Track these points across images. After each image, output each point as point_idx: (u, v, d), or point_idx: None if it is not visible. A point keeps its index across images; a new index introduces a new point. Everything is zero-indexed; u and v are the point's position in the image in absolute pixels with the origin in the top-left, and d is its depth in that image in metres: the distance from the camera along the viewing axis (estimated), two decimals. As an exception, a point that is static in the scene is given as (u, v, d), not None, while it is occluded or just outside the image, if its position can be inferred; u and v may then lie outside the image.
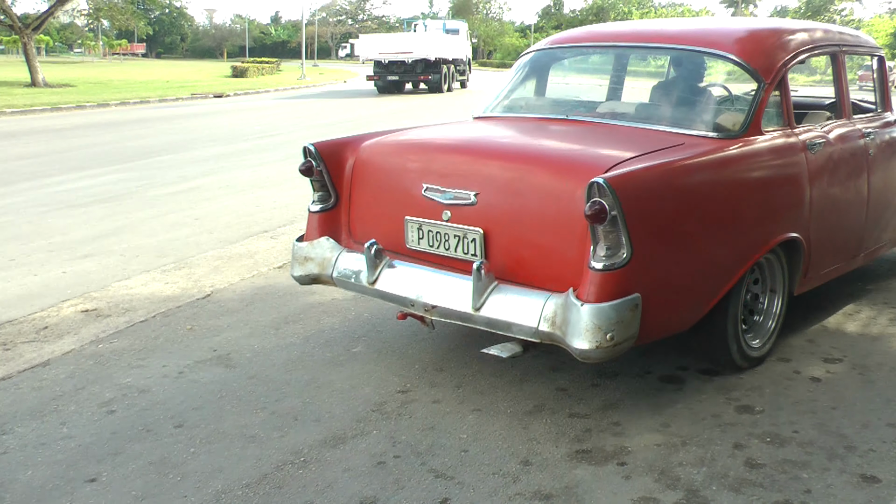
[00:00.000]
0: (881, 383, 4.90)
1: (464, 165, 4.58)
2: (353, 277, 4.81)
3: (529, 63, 6.20)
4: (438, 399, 4.46)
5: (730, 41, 5.26)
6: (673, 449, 3.96)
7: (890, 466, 3.93)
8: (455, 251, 4.47)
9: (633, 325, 3.93)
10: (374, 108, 27.35)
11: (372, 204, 5.00)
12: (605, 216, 3.76)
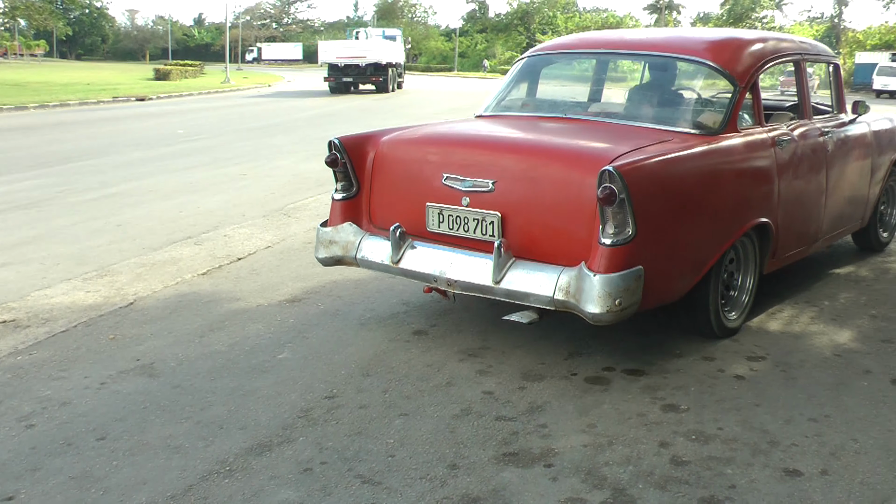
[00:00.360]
0: (803, 380, 4.99)
1: (482, 158, 5.17)
2: (377, 258, 5.36)
3: (524, 67, 6.81)
4: (365, 404, 4.43)
5: (708, 49, 6.11)
6: (599, 449, 3.99)
7: (812, 460, 4.01)
8: (474, 233, 5.05)
9: (637, 293, 4.58)
10: (301, 112, 27.17)
11: (392, 192, 5.55)
12: (615, 199, 4.40)
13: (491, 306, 6.00)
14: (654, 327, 5.77)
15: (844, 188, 7.01)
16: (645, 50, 6.59)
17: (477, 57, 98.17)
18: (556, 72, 7.11)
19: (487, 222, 4.97)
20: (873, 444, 4.22)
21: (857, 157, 7.16)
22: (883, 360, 5.44)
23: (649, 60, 6.64)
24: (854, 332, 5.97)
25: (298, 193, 10.66)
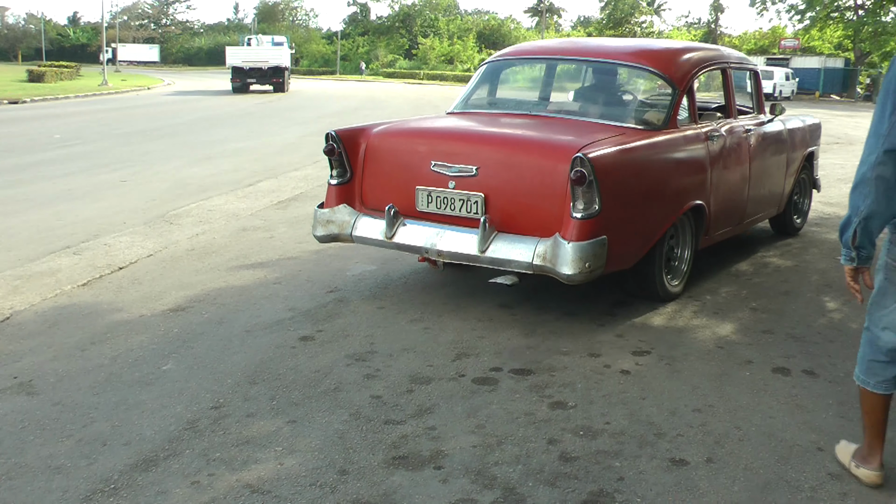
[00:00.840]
0: (687, 372, 5.09)
1: (467, 148, 6.04)
2: (372, 234, 6.14)
3: (486, 71, 7.68)
4: (252, 412, 4.35)
5: (653, 58, 7.11)
6: (489, 449, 3.99)
7: (697, 449, 4.09)
8: (460, 211, 5.88)
9: (602, 258, 5.46)
10: (182, 116, 26.65)
11: (383, 177, 6.32)
12: (585, 180, 5.27)
13: (379, 309, 6.01)
14: (540, 327, 5.82)
15: (764, 178, 7.96)
16: (597, 57, 7.45)
17: (359, 60, 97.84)
18: (514, 75, 8.05)
19: (472, 202, 5.82)
20: (755, 430, 4.34)
21: (774, 152, 8.20)
22: (763, 350, 5.58)
23: (601, 66, 7.42)
24: (735, 324, 6.12)
25: (181, 200, 10.44)
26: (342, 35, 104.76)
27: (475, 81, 7.63)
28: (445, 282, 6.80)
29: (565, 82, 8.04)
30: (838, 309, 6.64)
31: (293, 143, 17.57)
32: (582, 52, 7.78)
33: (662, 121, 6.54)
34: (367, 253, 7.61)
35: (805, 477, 3.90)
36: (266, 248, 7.80)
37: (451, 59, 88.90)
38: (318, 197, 10.43)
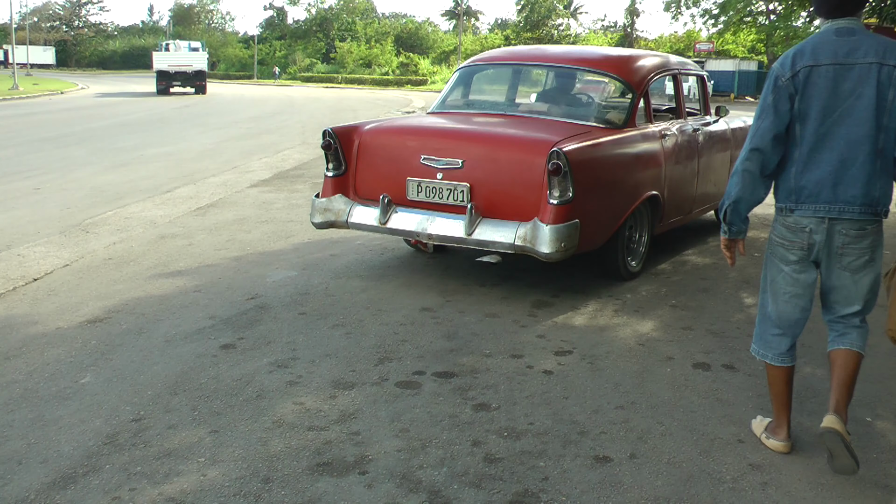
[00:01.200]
0: (609, 370, 5.13)
1: (453, 143, 6.74)
2: (366, 221, 6.81)
3: (461, 75, 8.45)
4: (174, 424, 4.26)
5: (615, 64, 7.84)
6: (413, 453, 3.97)
7: (620, 445, 4.13)
8: (447, 199, 6.55)
9: (575, 238, 6.20)
10: (98, 121, 26.18)
11: (375, 170, 6.98)
12: (561, 171, 6.03)
13: (300, 315, 5.96)
14: (462, 329, 5.82)
15: (711, 173, 8.69)
16: (563, 63, 8.23)
17: (277, 64, 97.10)
18: (486, 78, 8.71)
19: (458, 191, 6.50)
20: (677, 425, 4.39)
21: (719, 150, 8.94)
22: (684, 346, 5.66)
23: (567, 71, 8.18)
24: (656, 321, 6.19)
25: (97, 208, 10.23)
26: (259, 39, 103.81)
27: (451, 84, 8.35)
28: (366, 286, 6.77)
29: (533, 86, 8.85)
30: (756, 304, 6.74)
31: (211, 149, 17.37)
32: (549, 58, 8.60)
33: (623, 120, 7.29)
34: (287, 259, 7.56)
35: (727, 468, 3.97)
36: (185, 255, 7.69)
37: (370, 62, 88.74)
38: (236, 203, 10.36)
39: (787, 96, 3.84)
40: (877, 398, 4.99)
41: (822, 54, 3.78)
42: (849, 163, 3.78)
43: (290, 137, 20.49)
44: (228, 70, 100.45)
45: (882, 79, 3.70)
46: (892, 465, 4.16)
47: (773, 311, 4.15)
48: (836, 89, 3.76)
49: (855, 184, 3.79)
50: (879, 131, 3.75)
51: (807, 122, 3.83)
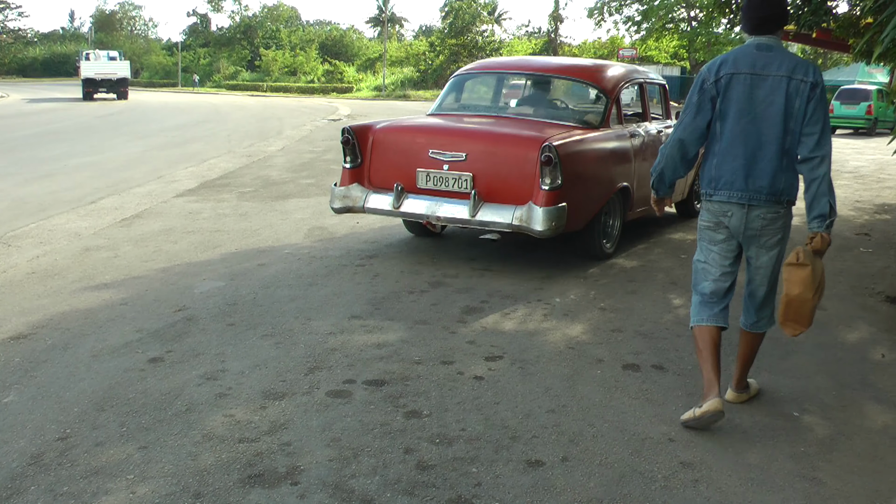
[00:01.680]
0: (539, 374, 5.17)
1: (457, 139, 7.81)
2: (381, 206, 7.89)
3: (455, 81, 9.52)
4: (101, 441, 4.17)
5: (591, 74, 9.10)
6: (345, 462, 3.95)
7: (552, 449, 4.16)
8: (452, 187, 7.64)
9: (563, 219, 7.28)
10: (20, 131, 25.66)
11: (387, 162, 8.04)
12: (552, 162, 7.14)
13: (229, 326, 5.90)
14: (392, 337, 5.81)
15: None
16: (546, 72, 9.40)
17: (202, 72, 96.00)
18: (478, 85, 9.90)
19: (462, 180, 7.58)
20: (609, 427, 4.44)
21: None
22: (613, 348, 5.72)
23: (550, 79, 9.44)
24: (585, 324, 6.24)
25: (19, 220, 9.98)
26: (183, 46, 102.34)
27: (447, 90, 9.44)
28: (295, 296, 6.73)
29: (520, 91, 9.85)
30: (684, 305, 6.85)
31: (136, 158, 17.11)
32: (533, 67, 9.68)
33: (599, 122, 8.41)
34: (215, 269, 7.49)
35: (658, 467, 4.03)
36: (111, 268, 7.56)
37: (295, 70, 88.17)
38: (162, 213, 10.24)
39: (709, 97, 4.53)
40: (803, 393, 5.11)
41: (743, 64, 4.46)
42: (759, 158, 4.45)
43: (215, 146, 20.29)
44: (152, 78, 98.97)
45: (790, 90, 4.39)
46: (819, 458, 4.26)
47: (706, 286, 4.74)
48: (752, 95, 4.44)
49: (763, 176, 4.45)
50: (786, 134, 4.41)
51: (726, 120, 4.51)
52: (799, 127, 4.40)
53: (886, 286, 7.86)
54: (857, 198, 14.34)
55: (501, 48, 79.64)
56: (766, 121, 4.43)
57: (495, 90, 9.59)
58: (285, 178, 14.38)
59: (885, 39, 5.54)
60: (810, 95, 4.39)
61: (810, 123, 4.39)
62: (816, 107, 4.40)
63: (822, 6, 11.71)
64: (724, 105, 4.50)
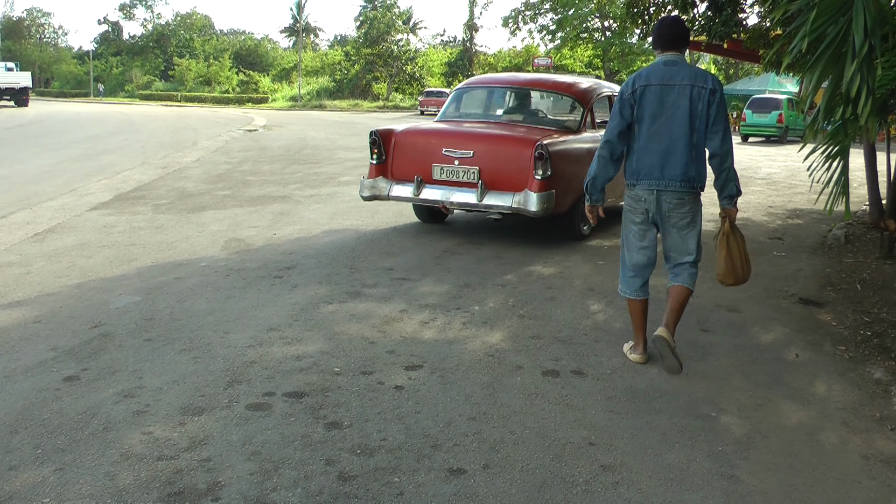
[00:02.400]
0: (459, 382, 5.19)
1: (466, 140, 9.58)
2: (403, 194, 9.73)
3: (456, 93, 11.43)
4: (15, 465, 4.05)
5: (569, 88, 10.91)
6: (266, 475, 3.93)
7: (474, 457, 4.19)
8: (462, 178, 9.42)
9: (552, 202, 9.08)
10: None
11: (407, 159, 9.83)
12: (543, 157, 8.94)
13: (146, 342, 5.82)
14: (311, 348, 5.79)
15: None
16: (533, 86, 11.52)
17: (113, 81, 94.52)
18: (475, 96, 11.51)
19: (471, 172, 9.37)
20: (529, 433, 4.48)
21: None
22: (533, 355, 5.77)
23: (537, 92, 11.56)
24: (505, 332, 6.28)
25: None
26: (94, 55, 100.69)
27: (450, 101, 11.24)
28: (213, 309, 6.66)
29: (511, 102, 11.37)
30: (602, 310, 6.94)
31: (48, 171, 16.75)
32: (521, 82, 11.64)
33: (577, 127, 10.22)
34: (130, 284, 7.38)
35: (579, 472, 4.08)
36: (23, 284, 7.40)
37: (209, 80, 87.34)
38: (76, 227, 10.07)
39: (629, 105, 5.51)
40: (720, 394, 5.22)
41: (654, 77, 5.45)
42: (671, 152, 5.44)
43: (130, 157, 19.99)
44: (63, 88, 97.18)
45: (693, 95, 5.37)
46: (736, 456, 4.35)
47: (629, 260, 5.79)
48: (662, 102, 5.44)
49: (675, 167, 5.44)
50: (693, 131, 5.40)
51: (642, 123, 5.49)
52: (703, 126, 5.38)
53: (799, 288, 8.05)
54: (770, 203, 14.66)
55: (417, 57, 79.82)
56: (674, 121, 5.41)
57: (488, 101, 11.35)
58: (201, 189, 14.23)
59: (794, 50, 5.71)
60: (710, 100, 5.37)
61: (714, 124, 5.38)
62: (718, 110, 5.39)
63: (733, 18, 12.05)
64: (640, 111, 5.48)
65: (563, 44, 68.16)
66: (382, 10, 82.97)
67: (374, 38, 75.89)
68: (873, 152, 11.42)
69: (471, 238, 10.01)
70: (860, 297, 7.65)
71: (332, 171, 17.83)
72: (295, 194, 13.79)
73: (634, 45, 63.72)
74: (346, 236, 9.92)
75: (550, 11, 66.10)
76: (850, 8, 5.40)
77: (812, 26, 5.43)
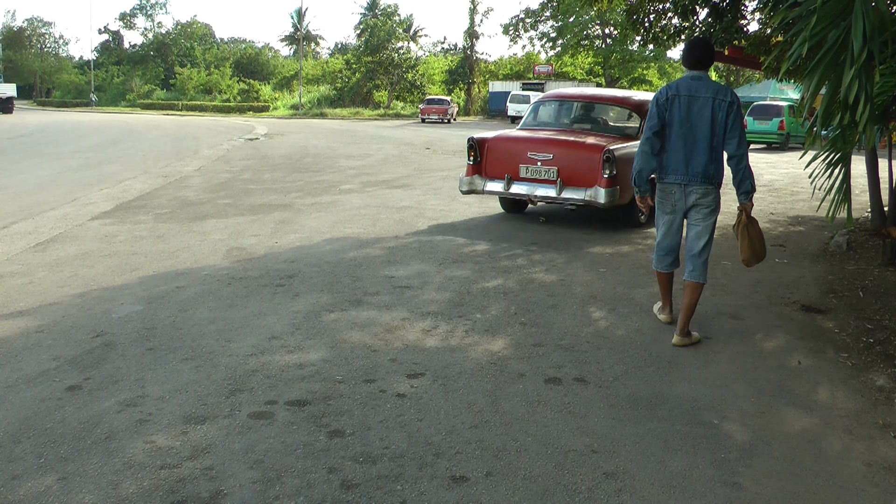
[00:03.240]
0: (462, 390, 5.18)
1: (547, 145, 11.54)
2: (495, 189, 11.83)
3: (534, 105, 13.57)
4: (18, 474, 4.06)
5: (629, 100, 12.78)
6: (269, 484, 3.93)
7: (476, 464, 4.18)
8: (544, 176, 11.36)
9: (617, 197, 10.90)
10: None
11: (497, 160, 11.90)
12: (610, 160, 10.81)
13: (148, 351, 5.81)
14: (313, 356, 5.80)
15: None
16: (599, 100, 13.34)
17: (115, 91, 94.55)
18: (551, 108, 13.34)
19: (551, 172, 11.33)
20: (532, 441, 4.48)
21: None
22: (535, 362, 5.76)
23: (601, 104, 13.20)
24: (507, 339, 6.28)
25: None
26: (95, 65, 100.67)
27: (530, 112, 13.43)
28: (215, 318, 6.66)
29: (580, 113, 13.06)
30: (603, 318, 6.94)
31: (49, 181, 16.76)
32: (589, 97, 13.63)
33: (635, 134, 11.74)
34: (132, 293, 7.38)
35: (582, 479, 4.08)
36: (25, 294, 7.40)
37: (210, 89, 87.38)
38: (78, 237, 10.08)
39: (662, 111, 6.44)
40: (722, 401, 5.21)
41: (682, 89, 6.41)
42: (694, 152, 6.39)
43: (131, 167, 20.01)
44: (65, 97, 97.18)
45: (714, 106, 6.32)
46: (739, 463, 4.35)
47: (661, 242, 6.78)
48: (689, 110, 6.37)
49: (698, 165, 6.40)
50: (713, 136, 6.35)
51: (672, 127, 6.43)
52: (722, 132, 6.33)
53: (801, 295, 8.05)
54: (772, 210, 14.67)
55: (418, 65, 79.84)
56: (698, 127, 6.36)
57: (560, 112, 13.18)
58: (203, 198, 14.25)
59: (793, 56, 5.72)
60: (728, 111, 6.31)
61: (731, 131, 6.32)
62: (735, 119, 6.32)
63: (734, 24, 12.14)
64: (670, 116, 6.41)
65: (564, 51, 68.28)
66: (383, 17, 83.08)
67: (374, 46, 75.86)
68: (875, 159, 11.43)
69: (472, 246, 10.01)
70: (862, 305, 7.66)
71: (333, 179, 17.85)
72: (296, 203, 13.80)
73: (635, 52, 63.83)
74: (347, 244, 9.91)
75: (551, 19, 66.18)
76: (850, 14, 5.41)
77: (812, 31, 5.44)
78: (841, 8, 5.48)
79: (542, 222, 12.05)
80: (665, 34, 14.47)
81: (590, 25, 66.33)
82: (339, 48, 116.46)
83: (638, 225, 11.78)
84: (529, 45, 77.02)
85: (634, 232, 11.44)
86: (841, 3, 5.52)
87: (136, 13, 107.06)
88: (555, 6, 63.32)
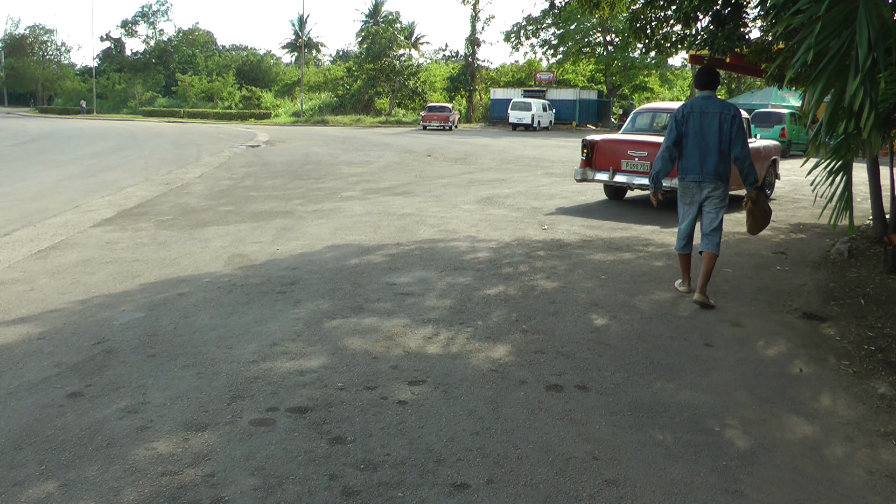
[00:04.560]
0: (463, 397, 5.18)
1: (643, 146, 14.80)
2: (602, 178, 15.16)
3: (633, 115, 16.52)
4: (20, 481, 4.06)
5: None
6: (270, 491, 3.93)
7: (477, 471, 4.18)
8: (640, 169, 14.59)
9: None
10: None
11: (604, 157, 15.12)
12: None
13: (150, 357, 5.81)
14: (314, 363, 5.79)
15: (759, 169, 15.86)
16: None
17: (116, 98, 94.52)
18: (647, 117, 16.31)
19: (646, 166, 14.22)
20: (533, 448, 4.47)
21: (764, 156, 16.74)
22: (536, 369, 5.76)
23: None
24: (508, 346, 6.27)
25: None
26: (97, 72, 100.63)
27: (629, 121, 16.48)
28: (216, 325, 6.66)
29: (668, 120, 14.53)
30: (605, 325, 6.94)
31: (51, 188, 16.79)
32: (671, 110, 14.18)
33: None
34: (134, 300, 7.38)
35: (583, 487, 4.07)
36: (27, 301, 7.40)
37: (212, 96, 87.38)
38: (79, 244, 10.08)
39: (680, 126, 7.95)
40: (724, 408, 5.21)
41: (695, 107, 7.91)
42: (706, 157, 7.87)
43: (132, 174, 20.04)
44: (66, 104, 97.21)
45: (721, 119, 7.82)
46: (741, 471, 4.34)
47: (681, 228, 8.21)
48: (701, 123, 7.87)
49: (710, 165, 7.87)
50: (721, 142, 7.83)
51: (688, 137, 7.93)
52: (728, 139, 7.83)
53: (803, 303, 8.04)
54: (774, 218, 14.60)
55: (419, 72, 79.85)
56: (709, 136, 7.85)
57: (653, 120, 16.12)
58: (204, 205, 14.25)
59: (797, 64, 5.72)
60: (732, 122, 7.82)
61: (736, 138, 7.82)
62: (738, 129, 7.82)
63: (736, 32, 12.07)
64: (686, 129, 7.94)
65: (566, 58, 68.28)
66: (385, 25, 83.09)
67: (376, 54, 75.79)
68: (877, 167, 11.41)
69: (474, 253, 10.01)
70: (864, 312, 7.65)
71: (334, 186, 17.86)
72: (298, 210, 13.80)
73: (636, 60, 63.86)
74: (349, 251, 9.91)
75: (552, 26, 66.22)
76: (854, 21, 5.41)
77: (816, 39, 5.43)
78: (845, 15, 5.47)
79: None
80: (667, 41, 14.47)
81: (591, 33, 66.37)
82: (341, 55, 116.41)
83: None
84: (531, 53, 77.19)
85: (636, 240, 11.36)
86: (845, 10, 5.51)
87: (137, 20, 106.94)
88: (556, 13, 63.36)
